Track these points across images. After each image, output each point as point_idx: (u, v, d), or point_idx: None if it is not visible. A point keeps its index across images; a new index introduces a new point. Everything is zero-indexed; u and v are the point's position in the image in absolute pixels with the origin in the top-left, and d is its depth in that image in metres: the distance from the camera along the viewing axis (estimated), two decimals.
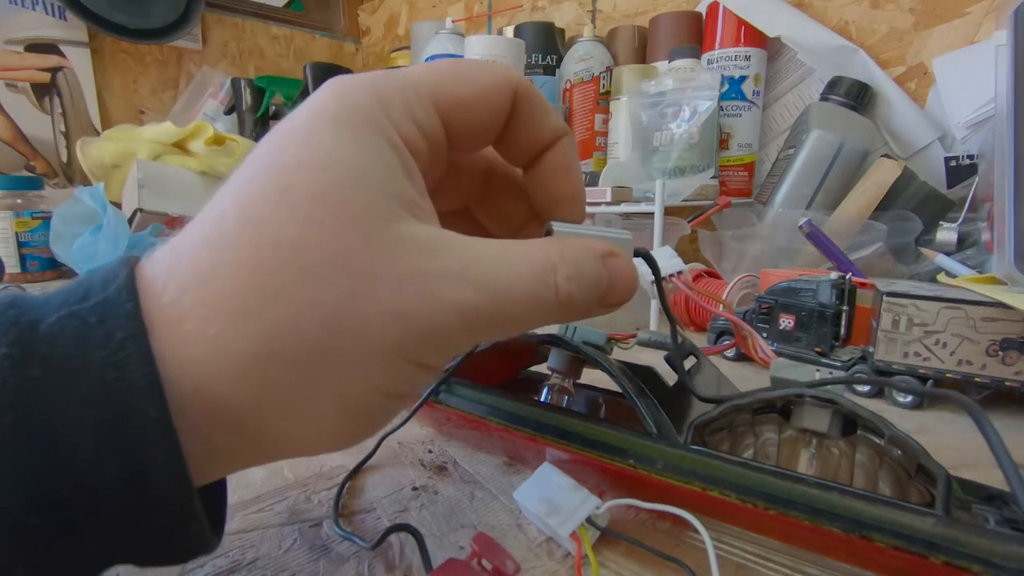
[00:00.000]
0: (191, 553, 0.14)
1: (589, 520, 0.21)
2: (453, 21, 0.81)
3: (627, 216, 0.57)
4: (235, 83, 1.09)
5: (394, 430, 0.28)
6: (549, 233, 0.17)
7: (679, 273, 0.22)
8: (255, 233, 0.13)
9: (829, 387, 0.22)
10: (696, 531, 0.20)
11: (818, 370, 0.40)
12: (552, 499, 0.21)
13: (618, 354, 0.29)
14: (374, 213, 0.13)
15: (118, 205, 0.77)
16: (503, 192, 0.20)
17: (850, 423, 0.23)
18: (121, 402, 0.11)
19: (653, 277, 0.23)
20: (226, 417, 0.13)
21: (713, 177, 0.69)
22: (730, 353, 0.48)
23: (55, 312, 0.12)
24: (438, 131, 0.15)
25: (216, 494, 0.16)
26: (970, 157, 0.58)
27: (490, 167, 0.20)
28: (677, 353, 0.22)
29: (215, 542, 0.14)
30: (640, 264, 0.23)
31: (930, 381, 0.36)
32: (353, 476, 0.26)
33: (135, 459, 0.12)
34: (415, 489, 0.26)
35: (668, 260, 0.23)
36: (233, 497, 0.25)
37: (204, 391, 0.12)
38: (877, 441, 0.22)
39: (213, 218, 0.13)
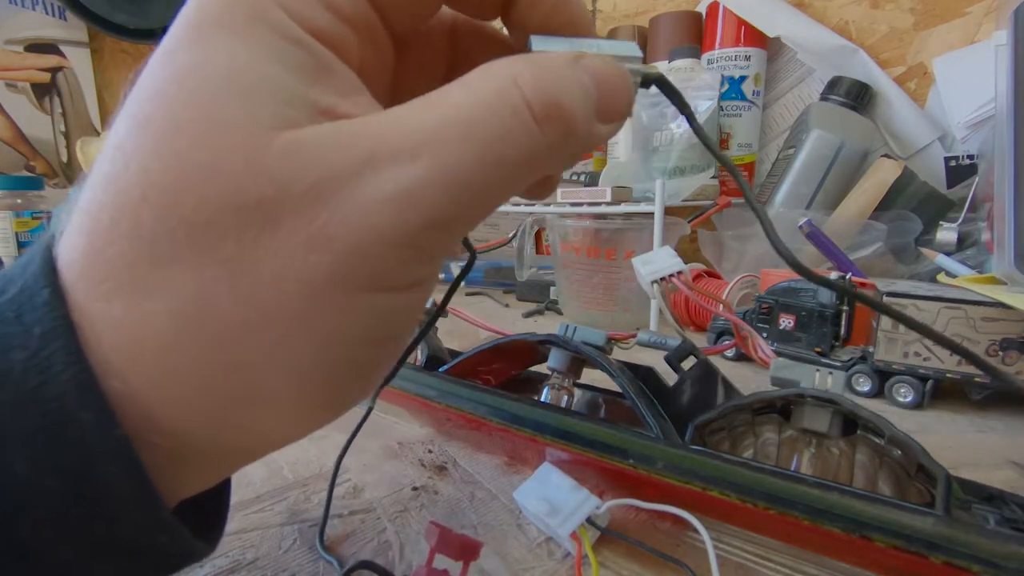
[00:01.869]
0: (173, 564, 0.12)
1: (589, 520, 0.21)
2: None
3: (627, 216, 0.57)
4: None
5: (376, 393, 0.25)
6: (528, 50, 0.13)
7: (679, 273, 0.22)
8: (123, 184, 0.10)
9: (829, 387, 0.22)
10: (696, 531, 0.20)
11: (818, 370, 0.40)
12: (552, 499, 0.21)
13: (618, 354, 0.29)
14: (257, 127, 0.10)
15: None
16: (479, 54, 0.16)
17: (850, 423, 0.23)
18: (50, 410, 0.10)
19: (652, 278, 0.23)
20: (166, 418, 0.11)
21: (713, 177, 0.69)
22: (730, 353, 0.48)
23: None
24: (362, 9, 0.12)
25: (213, 496, 0.14)
26: (970, 157, 0.58)
27: (453, 27, 0.16)
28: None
29: (206, 548, 0.13)
30: (639, 264, 0.23)
31: (930, 381, 0.36)
32: (337, 474, 0.26)
33: (76, 472, 0.10)
34: (415, 489, 0.26)
35: (668, 260, 0.23)
36: (233, 497, 0.24)
37: (133, 393, 0.10)
38: (877, 441, 0.22)
39: (94, 169, 0.11)
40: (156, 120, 0.10)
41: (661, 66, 0.75)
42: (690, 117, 0.14)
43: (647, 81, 0.13)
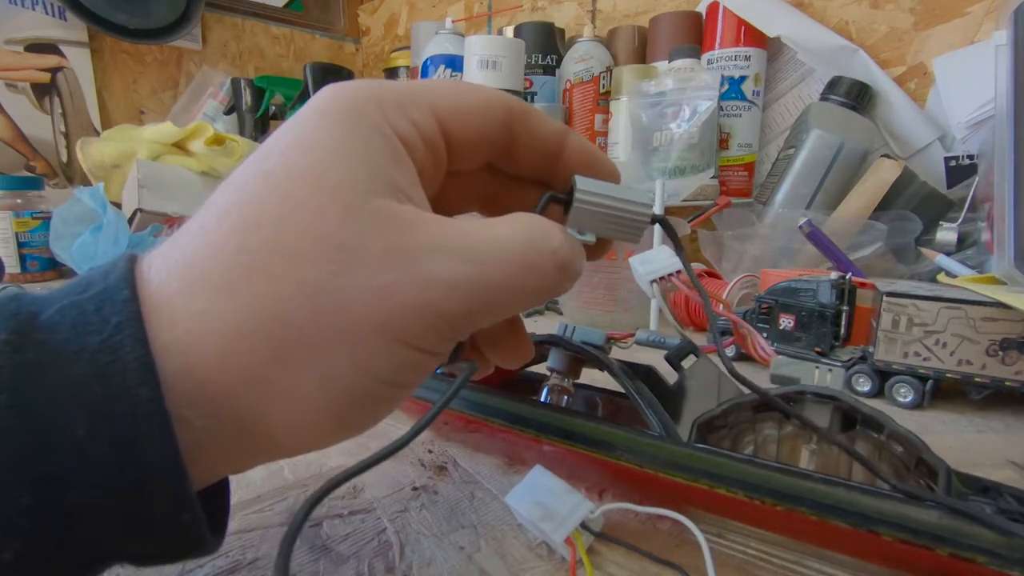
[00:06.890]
0: (187, 548, 0.14)
1: (584, 525, 0.21)
2: (453, 21, 0.81)
3: None
4: (235, 83, 1.09)
5: (403, 444, 0.26)
6: (572, 185, 0.17)
7: (678, 272, 0.22)
8: (239, 215, 0.13)
9: (829, 384, 0.22)
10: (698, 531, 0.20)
11: (817, 367, 0.40)
12: (545, 503, 0.21)
13: (617, 353, 0.29)
14: (355, 188, 0.13)
15: (118, 205, 0.77)
16: (513, 188, 0.20)
17: (850, 419, 0.23)
18: (114, 384, 0.12)
19: (651, 277, 0.23)
20: (213, 398, 0.13)
21: (713, 177, 0.69)
22: (730, 352, 0.48)
23: (56, 303, 0.12)
24: (435, 132, 0.16)
25: (217, 495, 0.16)
26: (970, 157, 0.58)
27: (493, 166, 0.20)
28: (709, 338, 0.22)
29: (215, 542, 0.14)
30: (638, 264, 0.23)
31: (930, 381, 0.36)
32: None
33: (127, 439, 0.12)
34: (415, 489, 0.26)
35: (667, 259, 0.23)
36: (233, 497, 0.24)
37: (191, 370, 0.12)
38: (876, 436, 0.22)
39: (206, 207, 0.14)
40: (280, 171, 0.13)
41: (661, 66, 0.75)
42: (680, 252, 0.21)
43: (654, 220, 0.18)
